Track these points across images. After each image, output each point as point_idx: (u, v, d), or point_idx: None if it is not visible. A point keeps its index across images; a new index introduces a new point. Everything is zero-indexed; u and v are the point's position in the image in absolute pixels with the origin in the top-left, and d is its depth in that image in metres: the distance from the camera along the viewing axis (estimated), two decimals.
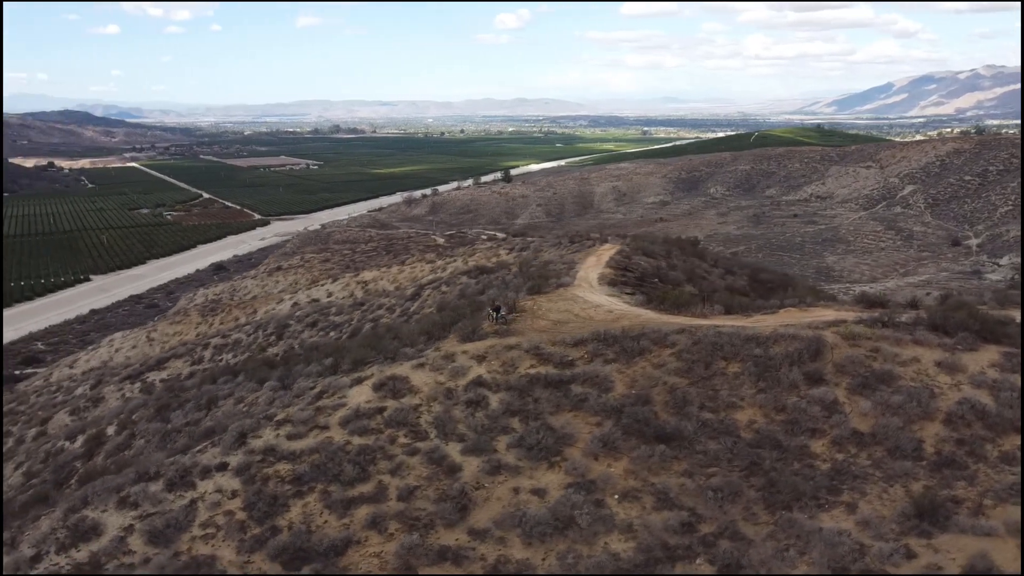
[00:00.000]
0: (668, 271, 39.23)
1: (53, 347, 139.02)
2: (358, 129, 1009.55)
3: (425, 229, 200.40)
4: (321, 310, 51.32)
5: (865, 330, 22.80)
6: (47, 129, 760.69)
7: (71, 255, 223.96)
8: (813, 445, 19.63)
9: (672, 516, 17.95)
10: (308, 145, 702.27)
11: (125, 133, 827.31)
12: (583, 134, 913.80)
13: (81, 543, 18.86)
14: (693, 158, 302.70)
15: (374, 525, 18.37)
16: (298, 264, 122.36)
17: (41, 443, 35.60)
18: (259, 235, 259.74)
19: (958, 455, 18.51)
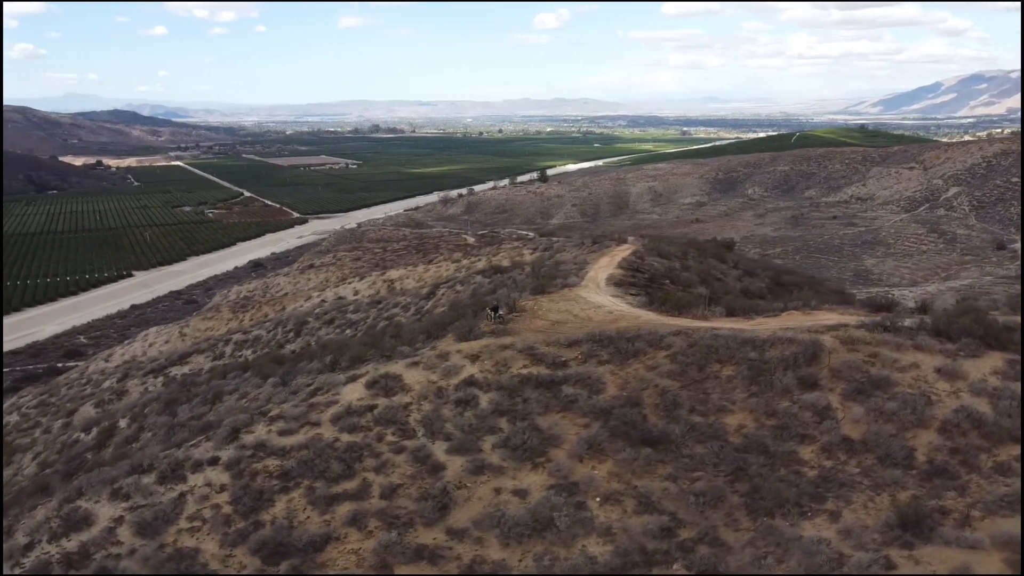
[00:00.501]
0: (681, 273, 38.76)
1: (94, 340, 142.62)
2: (397, 129, 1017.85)
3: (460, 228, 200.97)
4: (339, 308, 51.85)
5: (865, 334, 22.27)
6: (96, 128, 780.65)
7: (115, 251, 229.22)
8: (802, 451, 19.24)
9: (652, 520, 17.74)
10: (348, 144, 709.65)
11: (171, 132, 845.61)
12: (622, 134, 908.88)
13: (72, 533, 19.29)
14: (731, 158, 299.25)
15: (354, 522, 18.48)
16: (330, 262, 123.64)
17: (59, 434, 36.66)
18: (297, 233, 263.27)
19: (951, 465, 17.98)
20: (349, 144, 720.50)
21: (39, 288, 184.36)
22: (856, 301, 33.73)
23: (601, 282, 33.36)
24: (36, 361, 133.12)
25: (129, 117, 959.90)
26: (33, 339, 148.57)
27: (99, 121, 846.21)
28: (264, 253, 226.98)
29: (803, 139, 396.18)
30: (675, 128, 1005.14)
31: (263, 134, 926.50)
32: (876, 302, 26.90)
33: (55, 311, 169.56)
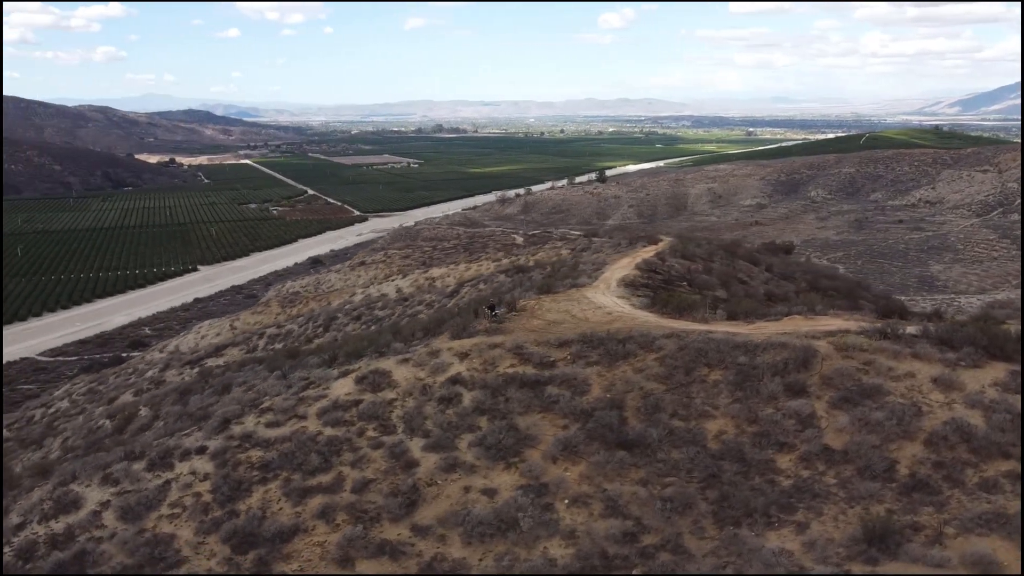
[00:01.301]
0: (701, 275, 37.97)
1: (158, 332, 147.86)
2: (460, 129, 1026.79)
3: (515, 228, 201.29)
4: (368, 304, 52.60)
5: (863, 341, 21.45)
6: (172, 127, 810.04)
7: (183, 246, 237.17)
8: (780, 460, 18.66)
9: (617, 525, 17.46)
10: (411, 144, 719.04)
11: (241, 131, 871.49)
12: (685, 135, 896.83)
13: (61, 515, 20.05)
14: (794, 160, 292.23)
15: (324, 515, 18.70)
16: (380, 259, 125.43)
17: (87, 420, 38.21)
18: (356, 231, 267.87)
19: (933, 479, 17.18)
20: (412, 144, 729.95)
21: (110, 280, 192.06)
22: (884, 307, 32.46)
23: (612, 283, 32.97)
24: (103, 350, 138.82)
25: (203, 116, 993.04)
26: (101, 329, 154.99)
27: (174, 120, 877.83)
28: (323, 250, 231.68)
29: (872, 140, 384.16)
30: (740, 128, 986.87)
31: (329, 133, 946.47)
32: (888, 308, 25.86)
33: (123, 303, 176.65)
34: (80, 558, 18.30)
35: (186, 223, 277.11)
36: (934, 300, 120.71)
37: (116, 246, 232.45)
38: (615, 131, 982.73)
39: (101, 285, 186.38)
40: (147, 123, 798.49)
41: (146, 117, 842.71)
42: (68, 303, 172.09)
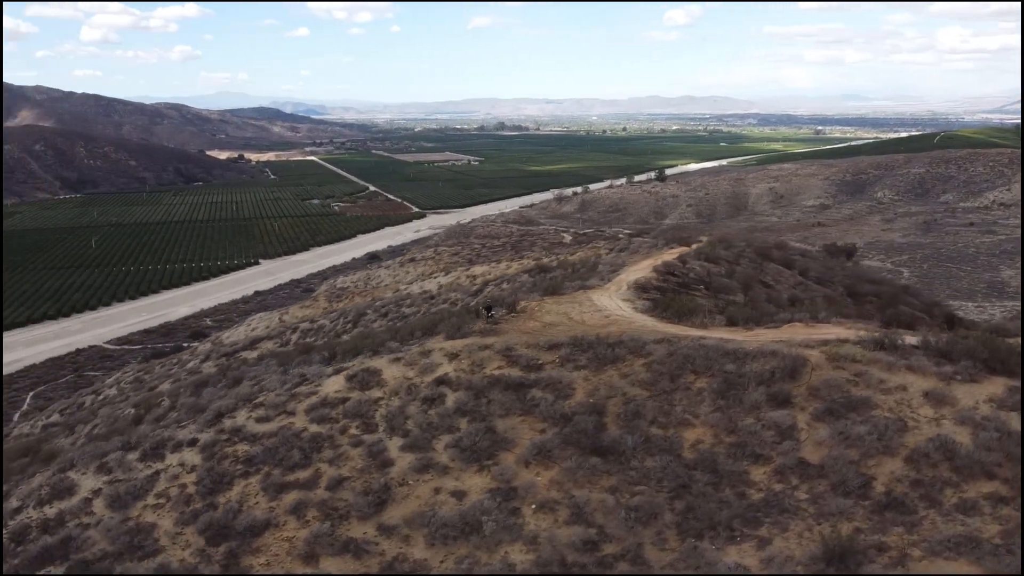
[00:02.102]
0: (722, 278, 37.12)
1: (218, 323, 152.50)
2: (522, 126, 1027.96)
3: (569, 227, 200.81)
4: (397, 301, 53.21)
5: (857, 352, 20.68)
6: (242, 124, 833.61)
7: (246, 240, 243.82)
8: (754, 472, 18.15)
9: (579, 532, 17.27)
10: (472, 142, 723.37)
11: (308, 129, 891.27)
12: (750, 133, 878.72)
13: (56, 500, 20.91)
14: (860, 160, 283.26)
15: (296, 511, 19.02)
16: (430, 256, 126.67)
17: (114, 408, 39.74)
18: (414, 227, 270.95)
19: (909, 498, 16.47)
20: (474, 141, 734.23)
21: (176, 272, 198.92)
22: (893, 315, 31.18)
23: (624, 285, 32.53)
24: (166, 340, 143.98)
25: (272, 114, 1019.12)
26: (166, 319, 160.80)
27: (245, 117, 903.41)
28: (381, 246, 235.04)
29: (947, 140, 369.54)
30: (809, 127, 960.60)
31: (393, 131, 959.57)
32: (899, 317, 24.87)
33: (188, 294, 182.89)
34: (65, 543, 19.05)
35: (251, 218, 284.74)
36: (1003, 307, 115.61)
37: (184, 239, 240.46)
38: (679, 129, 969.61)
39: (168, 277, 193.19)
40: (219, 120, 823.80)
41: (218, 114, 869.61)
42: (136, 294, 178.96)
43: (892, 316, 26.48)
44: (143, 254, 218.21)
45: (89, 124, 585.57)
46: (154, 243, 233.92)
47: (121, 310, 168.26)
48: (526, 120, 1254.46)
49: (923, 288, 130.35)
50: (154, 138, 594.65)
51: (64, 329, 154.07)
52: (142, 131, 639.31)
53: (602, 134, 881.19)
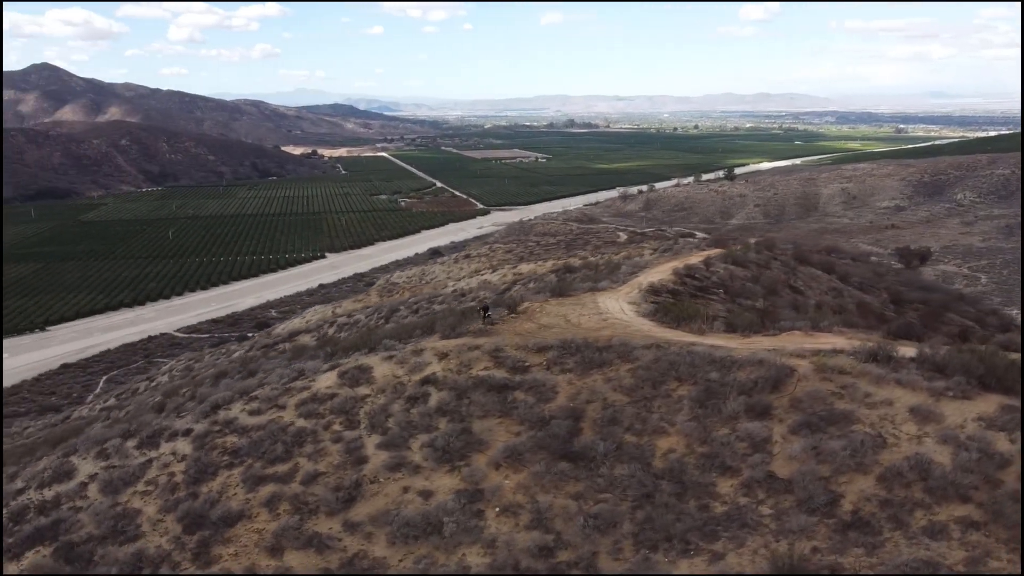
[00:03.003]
0: (746, 282, 36.09)
1: (282, 314, 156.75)
2: (592, 124, 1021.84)
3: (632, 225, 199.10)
4: (430, 298, 53.66)
5: (847, 363, 19.87)
6: (317, 121, 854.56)
7: (314, 234, 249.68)
8: (721, 484, 17.67)
9: (537, 538, 17.15)
10: (541, 139, 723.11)
11: (380, 125, 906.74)
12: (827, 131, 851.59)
13: (55, 484, 21.90)
14: (941, 160, 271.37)
15: (270, 503, 19.45)
16: (484, 253, 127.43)
17: (145, 396, 41.38)
18: (477, 224, 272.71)
19: (876, 518, 15.77)
20: (542, 138, 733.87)
21: (245, 264, 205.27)
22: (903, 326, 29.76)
23: (638, 288, 32.00)
24: (232, 330, 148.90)
25: (346, 111, 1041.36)
26: (233, 310, 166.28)
27: (320, 114, 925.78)
28: (444, 241, 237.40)
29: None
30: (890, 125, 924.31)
31: (463, 128, 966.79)
32: (906, 329, 23.76)
33: (255, 286, 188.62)
34: (56, 525, 19.96)
35: (320, 212, 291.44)
36: None
37: (255, 232, 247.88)
38: (752, 127, 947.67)
39: (238, 268, 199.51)
40: (295, 116, 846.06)
41: (294, 111, 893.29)
42: (207, 284, 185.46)
43: (902, 326, 25.32)
44: (216, 246, 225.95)
45: (173, 120, 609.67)
46: (227, 235, 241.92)
47: (192, 300, 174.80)
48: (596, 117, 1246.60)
49: (999, 295, 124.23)
50: (233, 134, 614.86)
51: (139, 316, 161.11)
52: (222, 127, 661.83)
53: (673, 132, 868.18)
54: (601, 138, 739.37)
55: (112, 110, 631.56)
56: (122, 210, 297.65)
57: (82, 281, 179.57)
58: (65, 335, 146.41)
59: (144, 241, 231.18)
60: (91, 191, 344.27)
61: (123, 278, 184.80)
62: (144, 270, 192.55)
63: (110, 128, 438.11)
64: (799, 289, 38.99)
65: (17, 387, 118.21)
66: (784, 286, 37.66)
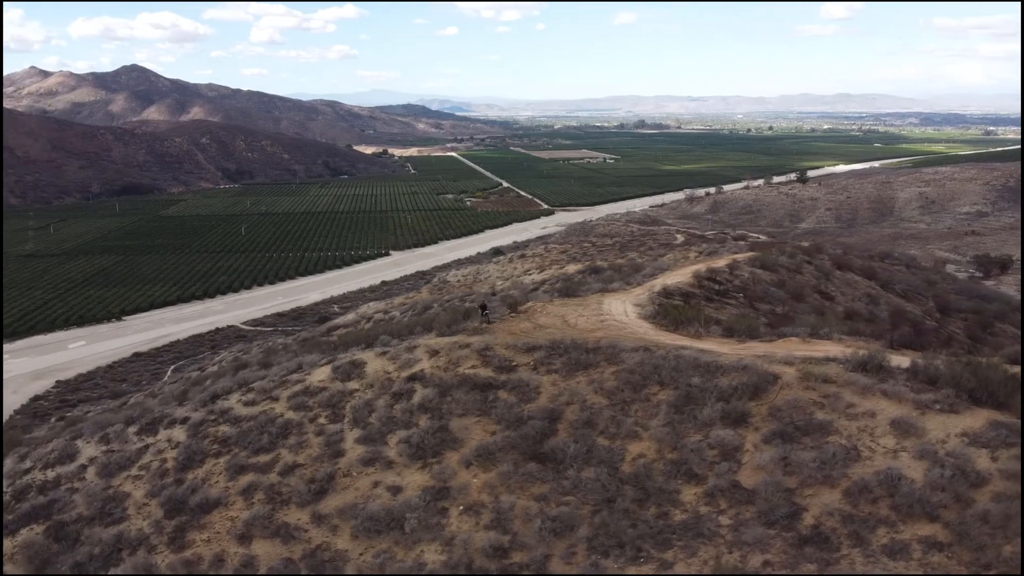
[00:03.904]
0: (770, 287, 34.93)
1: (344, 309, 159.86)
2: (663, 124, 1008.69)
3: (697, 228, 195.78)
4: (463, 296, 53.90)
5: (833, 372, 19.06)
6: (389, 121, 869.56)
7: (380, 232, 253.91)
8: (685, 492, 17.21)
9: (494, 538, 17.04)
10: (610, 139, 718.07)
11: (451, 125, 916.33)
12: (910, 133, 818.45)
13: (58, 465, 22.90)
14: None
15: (246, 492, 19.89)
16: (539, 253, 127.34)
17: (176, 386, 42.90)
18: (541, 224, 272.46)
19: (836, 534, 15.11)
20: (611, 139, 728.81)
21: (312, 260, 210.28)
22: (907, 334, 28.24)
23: (650, 290, 31.40)
24: (295, 324, 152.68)
25: (418, 111, 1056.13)
26: (297, 304, 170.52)
27: (393, 114, 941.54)
28: (506, 241, 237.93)
29: None
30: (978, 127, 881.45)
31: (533, 128, 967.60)
32: (904, 339, 22.64)
33: (321, 281, 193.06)
34: (51, 505, 20.87)
35: (386, 210, 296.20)
36: None
37: (323, 229, 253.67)
38: (830, 128, 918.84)
39: (304, 264, 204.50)
40: (368, 116, 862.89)
41: (368, 111, 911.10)
42: (275, 279, 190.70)
43: (906, 335, 24.10)
44: (285, 242, 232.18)
45: (252, 119, 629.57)
46: (296, 232, 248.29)
47: (260, 294, 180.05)
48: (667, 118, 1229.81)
49: None
50: (308, 133, 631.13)
51: (208, 308, 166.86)
52: (298, 126, 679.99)
53: (746, 133, 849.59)
54: (670, 139, 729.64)
55: (195, 110, 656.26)
56: (200, 206, 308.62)
57: (158, 273, 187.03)
58: (139, 324, 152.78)
59: (218, 236, 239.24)
60: (172, 187, 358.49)
61: (196, 271, 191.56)
62: (216, 264, 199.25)
63: (192, 127, 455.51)
64: (830, 295, 37.57)
65: (92, 373, 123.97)
66: (813, 291, 36.36)
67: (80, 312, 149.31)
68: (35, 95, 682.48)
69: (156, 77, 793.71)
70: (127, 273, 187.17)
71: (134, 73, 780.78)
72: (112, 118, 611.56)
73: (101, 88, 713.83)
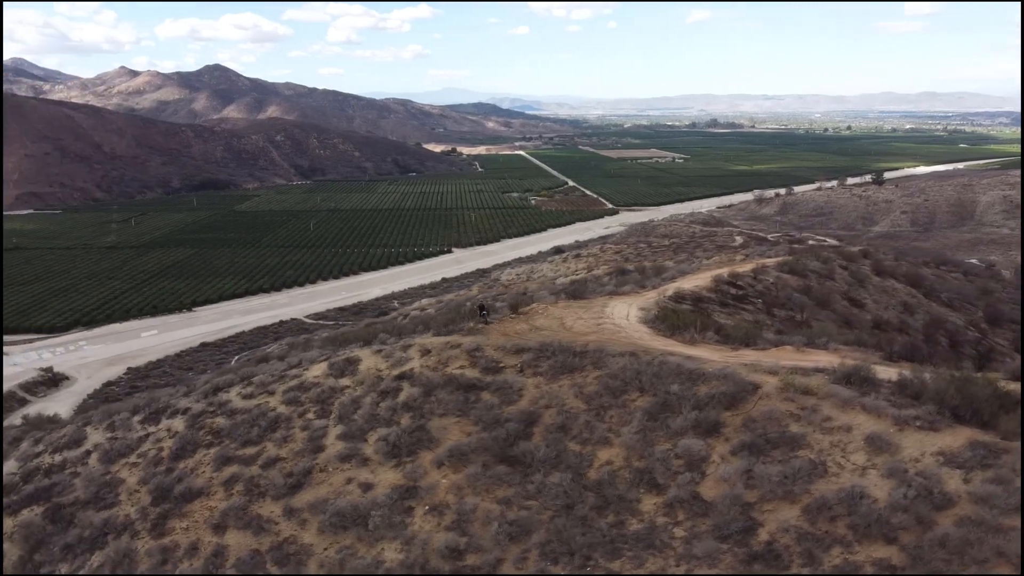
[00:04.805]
0: (794, 292, 33.73)
1: (403, 305, 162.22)
2: (736, 123, 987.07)
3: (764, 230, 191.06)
4: (496, 295, 53.97)
5: (815, 383, 18.33)
6: (460, 119, 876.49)
7: (444, 229, 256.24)
8: (645, 501, 16.85)
9: (452, 539, 17.06)
10: (681, 139, 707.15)
11: (521, 123, 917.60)
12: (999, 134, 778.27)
13: (66, 450, 23.95)
14: None
15: (228, 483, 20.43)
16: (595, 252, 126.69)
17: (209, 376, 44.33)
18: (604, 223, 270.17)
19: (789, 552, 14.56)
20: (682, 138, 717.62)
21: (376, 256, 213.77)
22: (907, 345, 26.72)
23: (661, 294, 30.76)
24: (355, 318, 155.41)
25: (488, 109, 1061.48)
26: (359, 299, 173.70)
27: (463, 112, 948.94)
28: (568, 240, 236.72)
29: None
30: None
31: (603, 127, 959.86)
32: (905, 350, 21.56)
33: (383, 277, 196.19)
34: (52, 487, 21.85)
35: (451, 208, 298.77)
36: None
37: (388, 226, 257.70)
38: (912, 128, 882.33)
39: (368, 260, 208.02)
40: (439, 115, 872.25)
41: (439, 109, 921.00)
42: (339, 274, 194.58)
43: (906, 346, 22.92)
44: (351, 238, 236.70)
45: (326, 118, 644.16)
46: (362, 228, 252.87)
47: (324, 288, 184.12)
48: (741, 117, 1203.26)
49: None
50: (379, 131, 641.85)
51: (274, 301, 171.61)
52: (370, 124, 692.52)
53: (823, 132, 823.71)
54: (743, 138, 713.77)
55: (272, 108, 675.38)
56: (272, 201, 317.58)
57: (228, 266, 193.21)
58: (208, 316, 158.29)
59: (287, 231, 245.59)
60: (248, 183, 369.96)
61: (264, 265, 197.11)
62: (284, 259, 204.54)
63: (268, 125, 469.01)
64: (860, 302, 36.05)
65: (161, 361, 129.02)
66: (842, 298, 34.97)
67: (153, 302, 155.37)
68: (124, 94, 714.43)
69: (236, 76, 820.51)
70: (199, 266, 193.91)
71: (216, 72, 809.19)
72: (194, 116, 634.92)
73: (185, 87, 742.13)
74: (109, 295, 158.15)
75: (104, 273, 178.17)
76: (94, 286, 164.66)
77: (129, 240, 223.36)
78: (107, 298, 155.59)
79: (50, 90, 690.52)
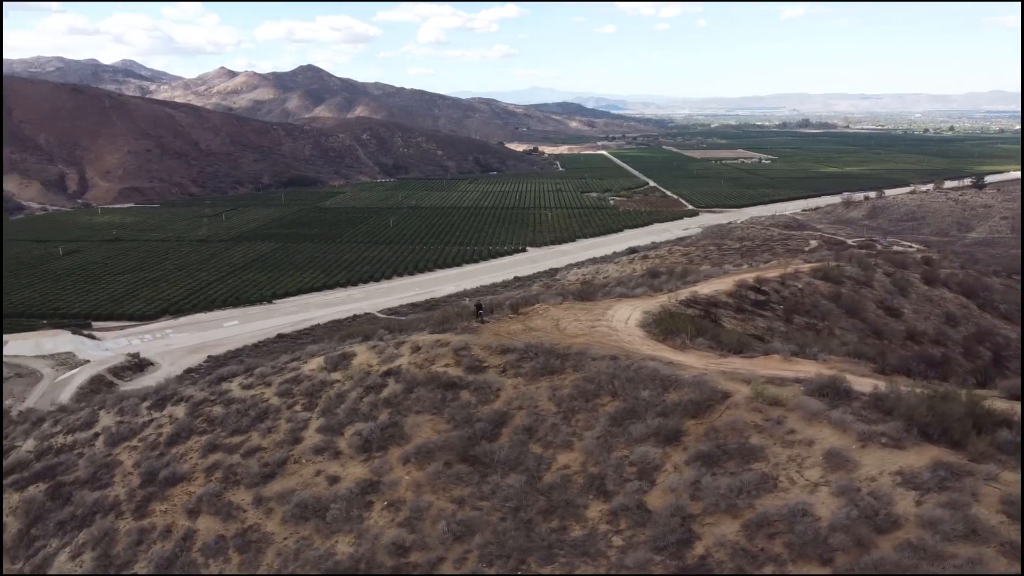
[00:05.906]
0: (821, 300, 32.17)
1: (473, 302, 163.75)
2: (829, 124, 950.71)
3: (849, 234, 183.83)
4: (537, 294, 53.74)
5: (785, 395, 17.51)
6: (543, 119, 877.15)
7: (520, 228, 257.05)
8: (591, 508, 16.49)
9: (402, 536, 17.17)
10: (769, 139, 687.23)
11: (604, 123, 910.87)
12: None
13: (78, 431, 25.25)
14: None
15: (210, 470, 21.11)
16: (663, 254, 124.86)
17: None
18: (683, 225, 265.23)
19: (721, 568, 13.99)
20: (771, 139, 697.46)
21: (452, 254, 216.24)
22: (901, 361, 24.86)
23: (673, 298, 29.92)
24: (427, 313, 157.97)
25: (573, 109, 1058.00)
26: (432, 295, 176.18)
27: (547, 112, 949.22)
28: (644, 241, 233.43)
29: None
30: None
31: (689, 127, 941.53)
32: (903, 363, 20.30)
33: (457, 274, 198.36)
34: (56, 466, 23.08)
35: (529, 207, 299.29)
36: None
37: (466, 223, 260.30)
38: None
39: (444, 257, 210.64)
40: (523, 114, 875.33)
41: (523, 109, 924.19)
42: (414, 270, 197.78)
43: (902, 360, 21.49)
44: (429, 235, 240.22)
45: (412, 117, 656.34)
46: (440, 225, 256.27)
47: (399, 284, 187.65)
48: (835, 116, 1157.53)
49: None
50: (463, 130, 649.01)
51: (350, 296, 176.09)
52: (455, 124, 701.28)
53: (922, 133, 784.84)
54: (835, 139, 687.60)
55: (360, 108, 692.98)
56: (356, 198, 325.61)
57: (309, 261, 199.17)
58: (287, 308, 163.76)
59: (368, 227, 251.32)
60: (333, 180, 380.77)
61: (343, 260, 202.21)
62: (362, 254, 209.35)
63: (354, 123, 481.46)
64: (897, 311, 34.08)
65: (240, 351, 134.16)
66: (877, 307, 33.17)
67: (236, 294, 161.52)
68: (222, 93, 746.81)
69: (328, 76, 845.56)
70: (282, 259, 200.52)
71: (309, 73, 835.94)
72: (287, 115, 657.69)
73: (279, 87, 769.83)
74: (196, 286, 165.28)
75: (193, 265, 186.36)
76: (183, 277, 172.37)
77: (219, 234, 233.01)
78: (194, 289, 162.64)
79: (155, 90, 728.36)
